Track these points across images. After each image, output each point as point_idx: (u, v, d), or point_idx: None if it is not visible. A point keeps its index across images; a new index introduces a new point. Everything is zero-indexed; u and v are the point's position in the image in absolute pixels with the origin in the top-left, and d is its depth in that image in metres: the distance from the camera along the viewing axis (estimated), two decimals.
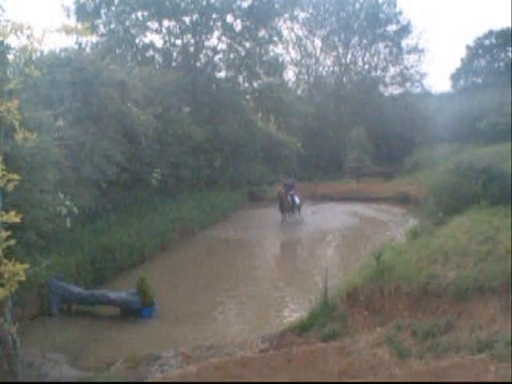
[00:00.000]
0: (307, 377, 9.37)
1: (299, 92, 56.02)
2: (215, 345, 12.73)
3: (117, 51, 35.30)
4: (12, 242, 6.54)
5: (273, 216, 31.10)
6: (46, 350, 13.47)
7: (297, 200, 30.72)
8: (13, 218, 6.52)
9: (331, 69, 56.73)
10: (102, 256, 19.04)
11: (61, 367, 12.72)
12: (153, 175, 26.87)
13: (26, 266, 6.59)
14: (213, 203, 30.87)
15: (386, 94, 57.13)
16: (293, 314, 15.45)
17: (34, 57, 7.15)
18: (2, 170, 6.29)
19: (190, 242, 25.72)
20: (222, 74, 39.95)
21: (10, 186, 6.52)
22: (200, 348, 12.60)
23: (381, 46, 55.58)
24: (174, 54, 38.32)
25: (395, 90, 56.73)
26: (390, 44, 55.04)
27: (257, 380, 9.45)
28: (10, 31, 6.93)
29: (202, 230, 28.10)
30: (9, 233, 6.54)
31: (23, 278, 6.56)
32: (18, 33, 6.96)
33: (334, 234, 27.58)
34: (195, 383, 9.53)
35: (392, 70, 56.45)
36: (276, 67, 40.54)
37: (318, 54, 55.76)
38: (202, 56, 38.61)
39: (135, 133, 24.87)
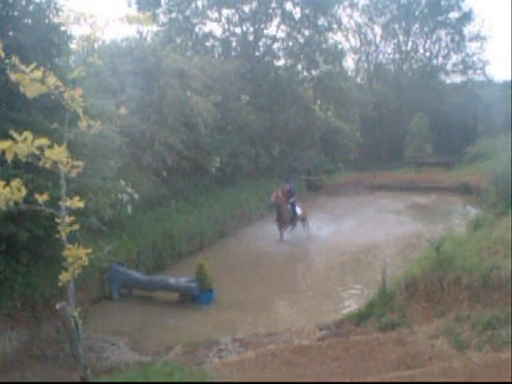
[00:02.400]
0: (364, 366, 9.34)
1: (359, 80, 55.38)
2: (272, 332, 12.81)
3: (177, 40, 35.59)
4: (75, 227, 6.70)
5: (330, 205, 30.94)
6: (107, 334, 13.82)
7: (298, 210, 24.38)
8: (76, 203, 6.67)
9: (391, 56, 55.86)
10: (162, 242, 19.36)
11: (121, 351, 13.03)
12: (212, 163, 27.05)
13: (89, 250, 6.75)
14: (270, 191, 30.87)
15: (448, 81, 55.90)
16: (350, 304, 15.40)
17: (96, 46, 7.29)
18: (66, 156, 6.44)
19: (248, 229, 25.84)
20: (280, 63, 39.78)
21: (74, 173, 6.67)
22: (257, 335, 12.69)
23: (442, 33, 54.31)
24: (233, 43, 38.37)
25: (457, 78, 55.44)
26: (452, 31, 53.74)
27: (314, 368, 9.47)
28: (74, 20, 7.07)
29: (260, 217, 28.18)
30: (72, 218, 6.70)
31: (86, 263, 6.73)
32: (81, 22, 7.10)
33: (392, 221, 27.28)
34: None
35: (454, 58, 55.10)
36: (335, 55, 40.19)
37: (377, 41, 54.98)
38: (260, 44, 38.54)
39: (195, 121, 25.05)
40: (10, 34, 14.18)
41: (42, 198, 6.44)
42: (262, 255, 21.32)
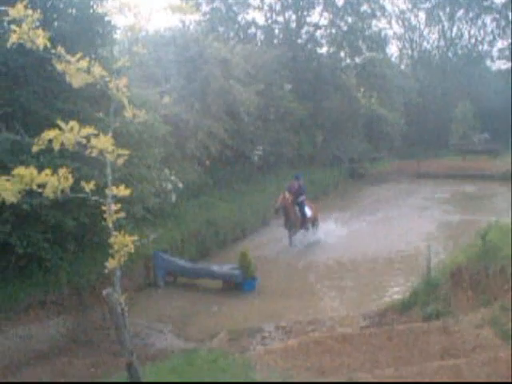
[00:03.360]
0: (408, 355, 9.28)
1: (402, 67, 54.78)
2: (315, 320, 12.80)
3: (219, 29, 35.69)
4: (121, 215, 6.78)
5: (373, 193, 30.72)
6: (152, 321, 14.01)
7: (308, 212, 21.31)
8: (122, 191, 6.74)
9: (436, 43, 55.06)
10: (206, 230, 19.51)
11: (166, 337, 13.20)
12: (254, 152, 27.11)
13: (135, 238, 6.82)
14: (313, 180, 30.80)
15: (493, 68, 54.95)
16: (394, 293, 15.28)
17: (140, 36, 7.35)
18: (112, 145, 6.51)
19: None
20: (323, 50, 39.63)
21: (120, 161, 6.73)
22: (300, 323, 12.71)
23: (487, 18, 53.31)
24: (276, 31, 38.30)
25: (503, 65, 54.39)
26: (498, 16, 52.64)
27: (357, 356, 9.45)
28: (118, 10, 7.13)
29: None
30: (118, 206, 6.77)
31: (132, 250, 6.80)
32: (125, 12, 7.15)
33: (437, 210, 26.98)
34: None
35: (499, 44, 54.13)
36: (379, 42, 39.83)
37: (422, 27, 54.27)
38: (303, 32, 38.40)
39: (237, 110, 25.12)
40: (55, 24, 14.38)
41: (88, 187, 6.51)
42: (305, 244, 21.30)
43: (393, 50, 54.12)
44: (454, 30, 53.78)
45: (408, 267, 17.27)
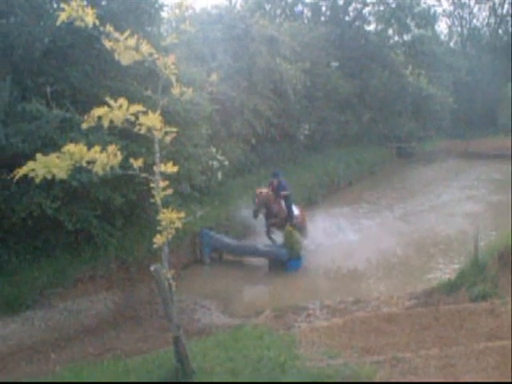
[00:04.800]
0: (454, 336, 9.20)
1: (452, 45, 53.78)
2: (361, 299, 12.76)
3: (266, 7, 35.51)
4: (169, 192, 6.86)
5: (420, 173, 30.31)
6: (198, 297, 14.17)
7: (295, 210, 17.87)
8: (170, 169, 6.82)
9: (486, 20, 53.82)
10: (251, 208, 19.53)
11: (211, 313, 13.34)
12: (300, 130, 27.02)
13: (182, 214, 6.90)
14: (359, 159, 30.58)
15: None
16: (441, 274, 15.11)
17: (187, 14, 7.37)
18: (160, 123, 6.57)
19: (337, 197, 25.71)
20: (371, 28, 39.13)
21: (167, 139, 6.80)
22: (345, 302, 12.68)
23: None
24: (323, 8, 37.93)
25: None
26: None
27: (403, 336, 9.40)
28: None
29: (349, 185, 27.99)
30: (166, 183, 6.86)
31: (179, 226, 6.88)
32: None
33: (486, 190, 26.53)
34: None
35: None
36: (427, 19, 39.12)
37: (472, 4, 53.05)
38: (350, 9, 37.96)
39: (284, 88, 25.03)
40: (103, 3, 14.51)
41: (137, 164, 6.61)
42: (351, 223, 21.19)
43: (442, 27, 53.22)
44: (505, 6, 52.43)
45: (456, 249, 17.08)
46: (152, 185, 6.94)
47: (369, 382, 7.43)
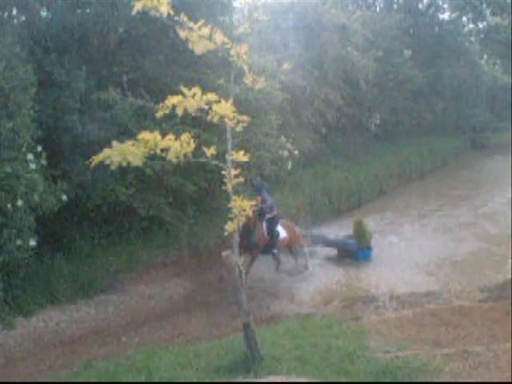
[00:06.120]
0: None
1: None
2: (431, 292, 12.58)
3: None
4: (240, 180, 6.94)
5: (495, 165, 29.47)
6: (267, 285, 14.26)
7: (281, 232, 14.52)
8: (241, 157, 6.90)
9: None
10: (321, 198, 19.53)
11: (280, 301, 13.41)
12: (372, 120, 26.75)
13: (252, 202, 6.98)
14: (432, 150, 30.01)
15: None
16: None
17: (259, 3, 7.41)
18: (233, 111, 6.65)
19: (408, 188, 25.35)
20: (445, 16, 38.24)
21: (239, 128, 6.88)
22: (415, 294, 12.53)
23: None
24: None
25: None
26: None
27: (474, 330, 9.24)
28: None
29: (420, 176, 27.54)
30: (238, 171, 6.94)
31: (250, 214, 6.97)
32: None
33: None
34: None
35: None
36: (504, 7, 37.83)
37: None
38: None
39: (355, 77, 24.81)
40: None
41: (209, 152, 6.71)
42: (423, 215, 20.86)
43: None
44: None
45: None
46: (223, 172, 7.04)
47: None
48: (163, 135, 6.47)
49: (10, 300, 11.67)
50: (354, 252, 15.80)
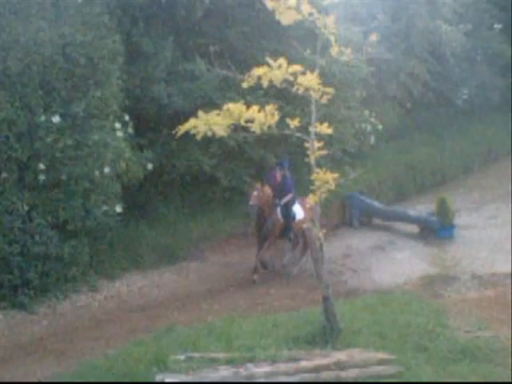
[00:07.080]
0: None
1: None
2: None
3: None
4: (323, 152, 6.93)
5: None
6: (346, 260, 14.23)
7: (298, 213, 13.14)
8: (325, 130, 6.88)
9: None
10: (404, 174, 19.22)
11: (359, 276, 13.37)
12: (459, 95, 26.02)
13: (336, 175, 6.96)
14: None
15: None
16: None
17: None
18: (318, 83, 6.63)
19: (495, 166, 24.58)
20: None
21: (324, 100, 6.86)
22: (498, 274, 12.27)
23: None
24: None
25: None
26: None
27: None
28: None
29: (508, 155, 26.65)
30: (321, 143, 6.93)
31: (332, 187, 6.95)
32: None
33: None
34: None
35: None
36: None
37: None
38: None
39: (443, 51, 24.16)
40: None
41: (293, 124, 6.72)
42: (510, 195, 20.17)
43: None
44: None
45: None
46: (306, 145, 7.04)
47: None
48: (247, 107, 6.51)
49: (95, 264, 12.11)
50: (436, 230, 15.52)
